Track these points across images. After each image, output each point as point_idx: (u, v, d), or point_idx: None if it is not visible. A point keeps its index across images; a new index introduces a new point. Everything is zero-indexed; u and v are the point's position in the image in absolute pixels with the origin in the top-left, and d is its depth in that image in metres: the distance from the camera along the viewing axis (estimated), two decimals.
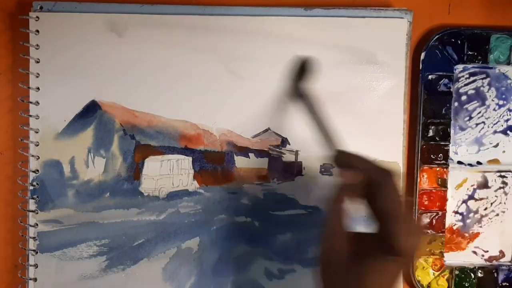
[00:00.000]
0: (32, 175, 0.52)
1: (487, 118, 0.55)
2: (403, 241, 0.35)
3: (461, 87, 0.54)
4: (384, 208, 0.37)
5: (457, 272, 0.54)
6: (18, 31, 0.52)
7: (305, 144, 0.51)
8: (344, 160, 0.41)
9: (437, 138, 0.54)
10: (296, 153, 0.53)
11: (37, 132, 0.51)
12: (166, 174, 0.53)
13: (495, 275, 0.55)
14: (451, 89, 0.54)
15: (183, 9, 0.52)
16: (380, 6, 0.53)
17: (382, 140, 0.53)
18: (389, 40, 0.52)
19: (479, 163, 0.55)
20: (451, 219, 0.55)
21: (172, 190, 0.53)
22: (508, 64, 0.54)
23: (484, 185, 0.55)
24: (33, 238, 0.52)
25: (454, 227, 0.55)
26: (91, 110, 0.52)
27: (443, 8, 0.55)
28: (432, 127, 0.54)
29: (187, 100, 0.52)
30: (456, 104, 0.54)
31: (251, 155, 0.53)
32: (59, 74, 0.52)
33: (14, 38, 0.53)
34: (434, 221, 0.54)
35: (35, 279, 0.52)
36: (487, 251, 0.56)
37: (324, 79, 0.52)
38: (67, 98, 0.52)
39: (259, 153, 0.53)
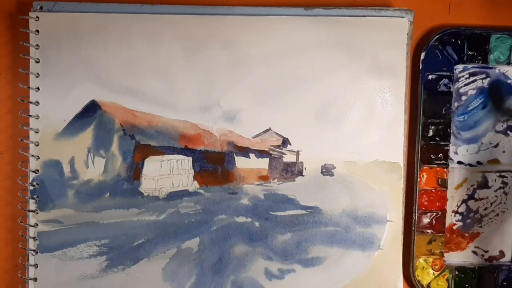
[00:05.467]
0: (32, 175, 0.51)
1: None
2: None
3: (461, 87, 0.54)
4: None
5: (457, 272, 0.55)
6: (18, 31, 0.52)
7: (306, 144, 0.51)
8: None
9: (437, 138, 0.54)
10: (297, 153, 0.53)
11: (37, 132, 0.51)
12: (166, 174, 0.53)
13: (495, 275, 0.55)
14: (451, 89, 0.54)
15: (184, 9, 0.52)
16: (380, 6, 0.53)
17: (383, 141, 0.53)
18: (389, 40, 0.52)
19: (479, 163, 0.55)
20: (451, 219, 0.55)
21: (172, 190, 0.53)
22: (508, 64, 0.54)
23: (484, 185, 0.55)
24: (33, 238, 0.52)
25: (454, 227, 0.55)
26: (91, 110, 0.52)
27: (443, 8, 0.55)
28: (432, 127, 0.54)
29: (187, 99, 0.52)
30: (456, 104, 0.54)
31: (251, 155, 0.53)
32: (59, 74, 0.51)
33: (14, 38, 0.53)
34: (434, 221, 0.54)
35: (35, 279, 0.52)
36: (487, 251, 0.56)
37: (325, 79, 0.52)
38: (67, 98, 0.52)
39: (260, 154, 0.53)
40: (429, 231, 0.54)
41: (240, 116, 0.52)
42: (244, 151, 0.53)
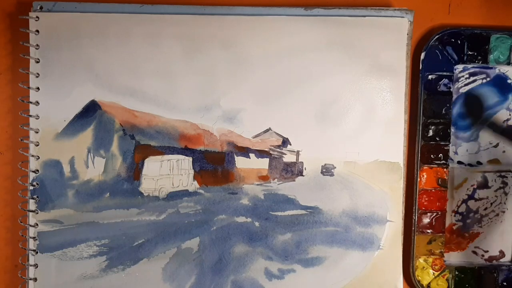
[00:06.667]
0: (32, 175, 0.51)
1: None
2: None
3: (461, 87, 0.54)
4: None
5: (457, 272, 0.55)
6: (18, 31, 0.52)
7: (307, 144, 0.51)
8: None
9: (437, 138, 0.54)
10: (297, 153, 0.53)
11: (37, 132, 0.51)
12: (166, 174, 0.53)
13: (495, 275, 0.55)
14: (451, 89, 0.54)
15: (184, 9, 0.52)
16: (380, 6, 0.53)
17: (383, 140, 0.53)
18: (389, 40, 0.52)
19: (479, 163, 0.55)
20: (451, 219, 0.55)
21: (172, 190, 0.53)
22: (508, 64, 0.54)
23: (484, 185, 0.55)
24: (33, 238, 0.52)
25: (454, 227, 0.55)
26: (91, 110, 0.52)
27: (443, 8, 0.55)
28: (432, 127, 0.54)
29: (187, 99, 0.52)
30: (456, 104, 0.55)
31: (251, 155, 0.53)
32: (59, 74, 0.51)
33: (14, 38, 0.53)
34: (434, 221, 0.54)
35: (35, 279, 0.52)
36: (487, 251, 0.56)
37: (325, 79, 0.52)
38: (67, 98, 0.52)
39: (260, 153, 0.53)
40: (429, 231, 0.54)
41: (240, 116, 0.52)
42: (244, 151, 0.53)
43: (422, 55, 0.53)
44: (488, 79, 0.54)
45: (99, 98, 0.52)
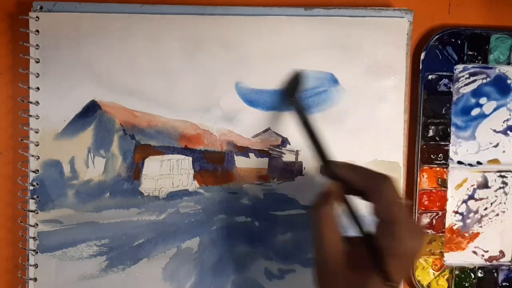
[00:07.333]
0: (32, 175, 0.52)
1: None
2: (405, 244, 0.35)
3: (461, 87, 0.54)
4: (384, 214, 0.37)
5: (457, 272, 0.55)
6: (18, 31, 0.52)
7: (306, 144, 0.51)
8: (337, 171, 0.41)
9: (437, 138, 0.54)
10: (297, 153, 0.53)
11: (37, 132, 0.51)
12: (166, 174, 0.53)
13: (495, 275, 0.55)
14: (451, 89, 0.54)
15: (184, 9, 0.52)
16: (380, 6, 0.53)
17: (382, 140, 0.53)
18: (389, 40, 0.52)
19: (479, 163, 0.55)
20: (451, 219, 0.55)
21: (172, 190, 0.53)
22: (508, 64, 0.54)
23: (484, 185, 0.55)
24: (33, 238, 0.52)
25: (454, 227, 0.55)
26: (91, 110, 0.52)
27: (443, 8, 0.55)
28: (432, 127, 0.54)
29: (187, 99, 0.52)
30: (456, 104, 0.54)
31: (251, 155, 0.53)
32: (59, 74, 0.52)
33: (14, 38, 0.53)
34: (434, 221, 0.54)
35: (35, 279, 0.52)
36: (487, 251, 0.56)
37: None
38: (67, 98, 0.52)
39: (259, 153, 0.53)
40: (429, 231, 0.54)
41: (240, 116, 0.52)
42: (244, 151, 0.53)
43: (422, 55, 0.53)
44: (488, 79, 0.54)
45: (99, 98, 0.52)
